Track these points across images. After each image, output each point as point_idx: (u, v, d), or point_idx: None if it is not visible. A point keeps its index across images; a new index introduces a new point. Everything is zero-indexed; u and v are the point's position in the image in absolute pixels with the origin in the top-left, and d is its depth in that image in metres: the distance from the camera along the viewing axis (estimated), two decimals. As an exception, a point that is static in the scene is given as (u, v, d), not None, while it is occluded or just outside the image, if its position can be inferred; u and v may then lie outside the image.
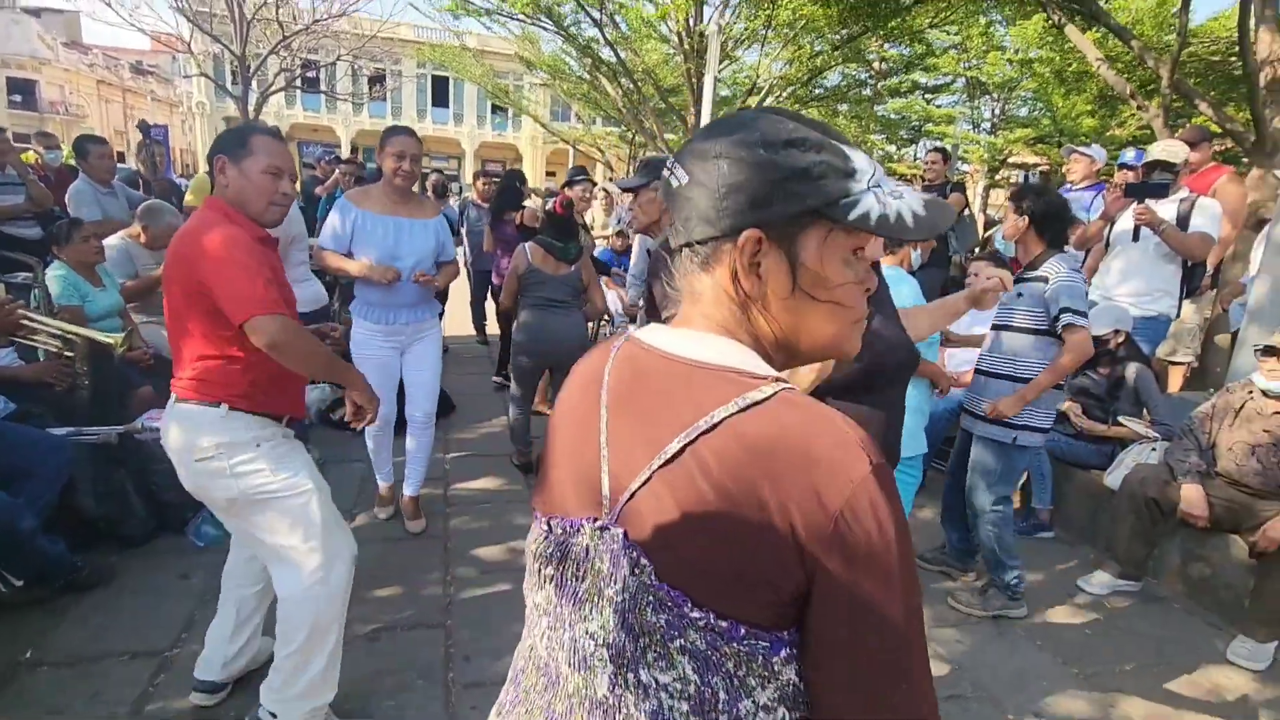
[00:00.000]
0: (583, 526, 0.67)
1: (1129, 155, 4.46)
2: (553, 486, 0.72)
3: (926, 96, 17.54)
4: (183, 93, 30.69)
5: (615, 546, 0.63)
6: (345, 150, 26.57)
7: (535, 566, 0.72)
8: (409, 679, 2.18)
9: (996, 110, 18.50)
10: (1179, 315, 3.91)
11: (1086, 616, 2.82)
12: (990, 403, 2.60)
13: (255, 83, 14.38)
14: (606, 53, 11.46)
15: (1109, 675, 2.46)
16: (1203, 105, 5.37)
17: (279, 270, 1.78)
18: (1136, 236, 3.65)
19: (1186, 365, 4.44)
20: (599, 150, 19.57)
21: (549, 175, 28.45)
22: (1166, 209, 3.58)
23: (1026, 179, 5.77)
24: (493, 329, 6.52)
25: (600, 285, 3.84)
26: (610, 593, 0.64)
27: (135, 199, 4.82)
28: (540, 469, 0.77)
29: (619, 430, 0.66)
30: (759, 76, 11.92)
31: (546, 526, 0.71)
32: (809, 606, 0.58)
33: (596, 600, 0.65)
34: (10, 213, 4.54)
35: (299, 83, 18.84)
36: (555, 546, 0.69)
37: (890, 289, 1.84)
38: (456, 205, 7.91)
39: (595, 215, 6.72)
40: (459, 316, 6.74)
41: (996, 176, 18.94)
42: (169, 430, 1.74)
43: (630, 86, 11.75)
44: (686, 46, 10.94)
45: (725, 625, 0.59)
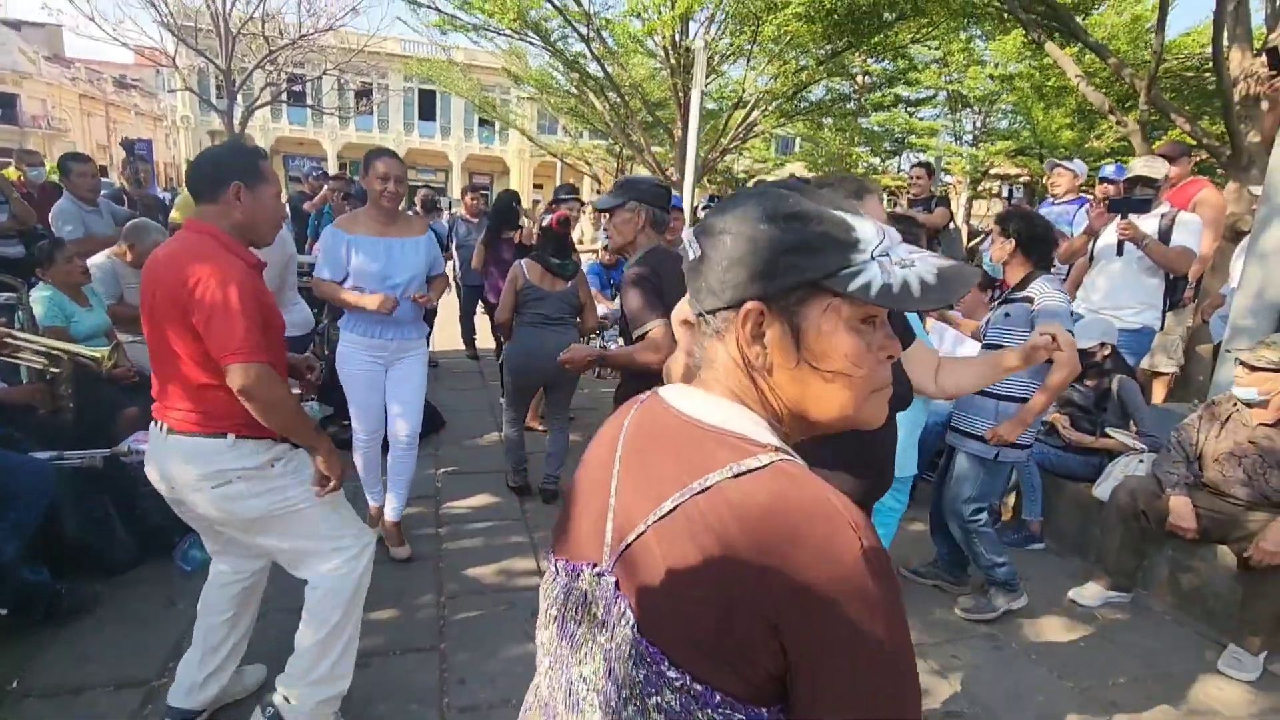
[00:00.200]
0: (583, 571, 0.68)
1: (1109, 169, 4.54)
2: (568, 530, 0.74)
3: (909, 110, 17.76)
4: (166, 107, 30.44)
5: (608, 594, 0.64)
6: (332, 163, 26.48)
7: (544, 606, 0.74)
8: (403, 704, 2.15)
9: (978, 123, 18.79)
10: (1163, 327, 3.97)
11: (1079, 629, 2.83)
12: (992, 428, 2.64)
13: (241, 97, 14.34)
14: (594, 67, 11.52)
15: (1103, 689, 2.47)
16: (1179, 120, 5.49)
17: (268, 302, 1.75)
18: (1120, 251, 3.72)
19: (1170, 376, 4.50)
20: (586, 163, 19.58)
21: (536, 188, 28.49)
22: (1149, 224, 3.64)
23: (1011, 192, 5.86)
24: (483, 344, 6.51)
25: (593, 303, 3.83)
26: (601, 639, 0.64)
27: (120, 215, 4.77)
28: (560, 512, 0.78)
29: (627, 481, 0.67)
30: (745, 91, 12.01)
31: (555, 568, 0.73)
32: (792, 692, 0.57)
33: (590, 645, 0.66)
34: (-8, 231, 4.48)
35: (285, 97, 18.80)
36: (560, 589, 0.71)
37: None
38: (446, 221, 7.91)
39: (584, 229, 6.74)
40: (448, 331, 6.72)
41: (979, 188, 19.23)
42: (171, 464, 1.72)
43: (617, 100, 11.81)
44: (673, 61, 11.03)
45: (700, 690, 0.58)
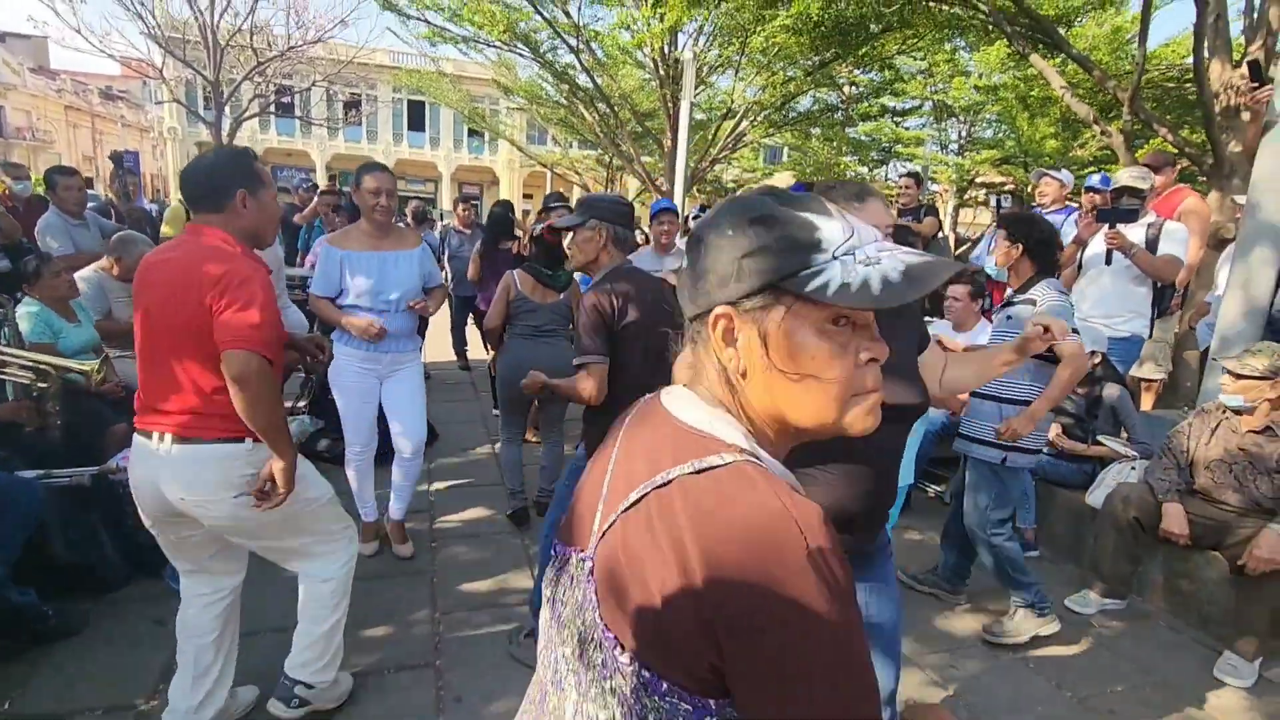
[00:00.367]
0: (572, 556, 0.70)
1: (1095, 179, 4.60)
2: (571, 519, 0.76)
3: (895, 119, 18.01)
4: (153, 118, 30.27)
5: (583, 579, 0.67)
6: (320, 173, 26.39)
7: (545, 590, 0.77)
8: (399, 725, 2.12)
9: (963, 132, 19.06)
10: (1151, 335, 4.02)
11: (1075, 636, 2.83)
12: (1006, 420, 2.59)
13: (229, 108, 14.27)
14: (583, 78, 11.58)
15: (1101, 697, 2.47)
16: (1162, 130, 5.58)
17: (278, 310, 1.79)
18: (1109, 260, 3.76)
19: (1158, 382, 4.56)
20: (576, 173, 19.63)
21: (526, 198, 28.49)
22: (1136, 233, 3.69)
23: (998, 201, 5.90)
24: (474, 355, 6.48)
25: None
26: (578, 622, 0.67)
27: (108, 229, 4.72)
28: (571, 502, 0.81)
29: (618, 473, 0.70)
30: (733, 101, 12.12)
31: (555, 552, 0.76)
32: (732, 689, 0.57)
33: (571, 626, 0.68)
34: (-23, 245, 4.42)
35: (273, 108, 18.75)
36: (554, 571, 0.74)
37: None
38: (438, 233, 7.90)
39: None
40: (440, 343, 6.69)
41: (965, 196, 19.45)
42: (181, 474, 1.70)
43: (607, 111, 11.87)
44: (662, 73, 11.11)
45: (648, 677, 0.59)
